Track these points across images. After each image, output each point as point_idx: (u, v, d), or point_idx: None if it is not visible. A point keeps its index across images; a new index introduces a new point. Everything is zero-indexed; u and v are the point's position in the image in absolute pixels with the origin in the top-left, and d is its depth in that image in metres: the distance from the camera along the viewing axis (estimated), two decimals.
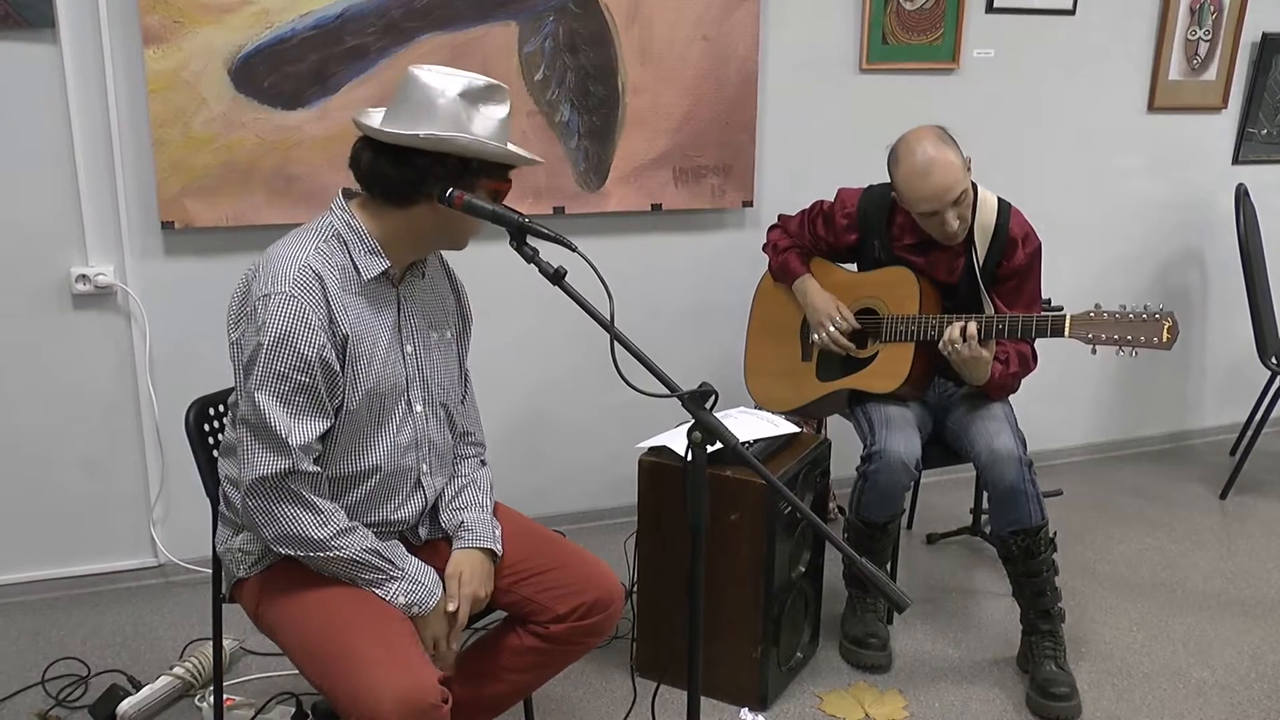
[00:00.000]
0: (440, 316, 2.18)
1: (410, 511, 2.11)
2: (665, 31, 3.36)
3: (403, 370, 2.06)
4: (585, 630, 2.13)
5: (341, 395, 1.96)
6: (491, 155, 1.96)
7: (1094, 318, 2.64)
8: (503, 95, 1.99)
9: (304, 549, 1.93)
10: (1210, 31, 4.06)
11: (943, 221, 2.74)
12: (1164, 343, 2.57)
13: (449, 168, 1.93)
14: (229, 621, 2.32)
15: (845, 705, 2.75)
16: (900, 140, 2.78)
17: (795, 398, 3.11)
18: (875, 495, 2.81)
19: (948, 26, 3.69)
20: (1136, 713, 2.73)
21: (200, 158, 3.01)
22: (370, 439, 2.02)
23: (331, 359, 1.92)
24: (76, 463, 3.17)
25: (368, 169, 1.98)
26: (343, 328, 1.94)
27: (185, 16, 2.91)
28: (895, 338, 2.91)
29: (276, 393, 1.88)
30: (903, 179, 2.75)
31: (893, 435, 2.79)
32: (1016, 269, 2.88)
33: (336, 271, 1.95)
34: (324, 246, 1.97)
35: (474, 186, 1.96)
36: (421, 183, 1.94)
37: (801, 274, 3.07)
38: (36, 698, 2.71)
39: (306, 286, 1.90)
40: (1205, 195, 4.28)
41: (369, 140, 1.98)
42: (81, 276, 3.03)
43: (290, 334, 1.87)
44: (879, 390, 2.92)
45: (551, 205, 3.38)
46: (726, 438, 1.79)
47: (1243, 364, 4.26)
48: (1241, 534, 3.78)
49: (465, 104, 1.93)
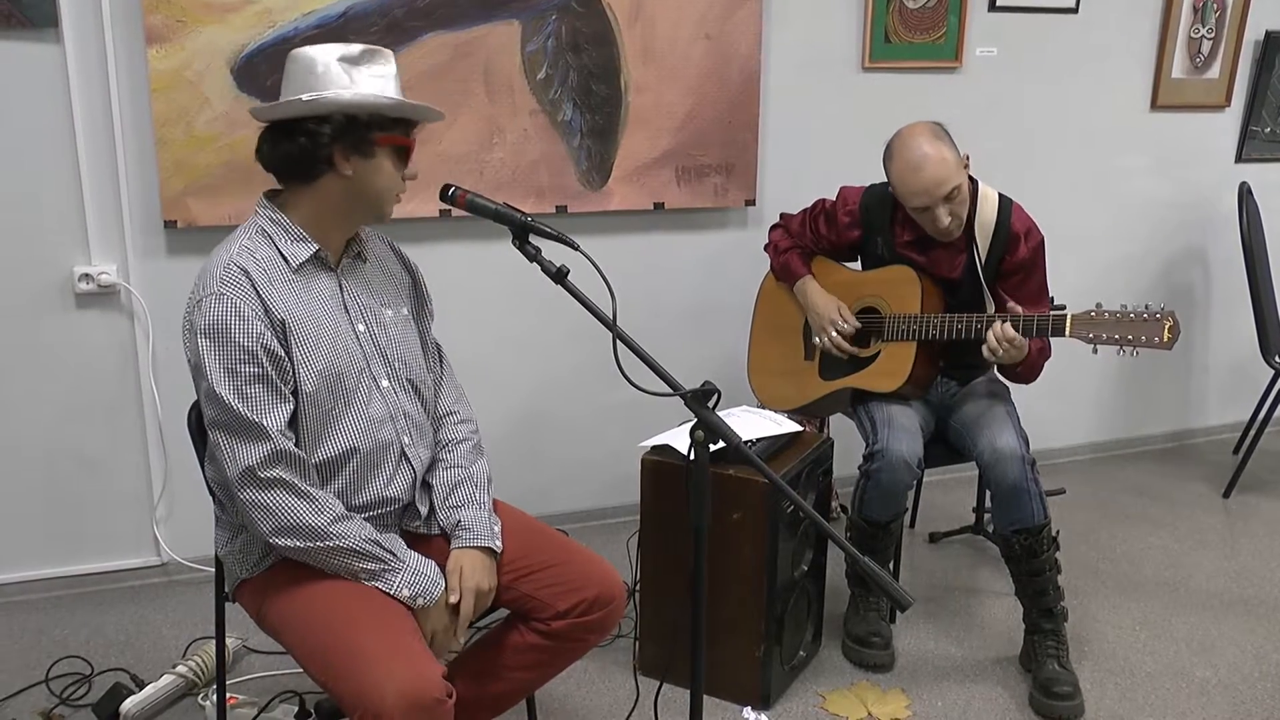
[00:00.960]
0: (392, 294, 2.20)
1: (401, 486, 2.11)
2: (668, 30, 3.36)
3: (358, 348, 2.08)
4: (587, 627, 2.12)
5: (293, 379, 1.98)
6: (373, 106, 1.97)
7: (1095, 317, 2.64)
8: (384, 57, 2.02)
9: (303, 539, 1.93)
10: (1213, 29, 4.05)
11: (934, 217, 2.75)
12: (1164, 343, 2.57)
13: (336, 125, 1.96)
14: (232, 620, 2.32)
15: (848, 704, 2.75)
16: (895, 136, 2.79)
17: (798, 396, 3.12)
18: (877, 494, 2.81)
19: (950, 25, 3.69)
20: (1139, 712, 2.73)
21: (203, 157, 3.01)
22: (340, 420, 2.03)
23: (274, 345, 1.94)
24: (79, 461, 3.17)
25: (266, 154, 2.04)
26: (278, 314, 1.96)
27: (188, 16, 2.92)
28: (897, 336, 2.90)
29: (232, 387, 1.91)
30: (896, 174, 2.77)
31: (895, 434, 2.79)
32: (1021, 263, 2.88)
33: (264, 264, 1.99)
34: (249, 243, 2.02)
35: (371, 145, 1.99)
36: (315, 149, 1.97)
37: (803, 275, 3.07)
38: (40, 696, 2.71)
39: (234, 282, 1.94)
40: (1208, 194, 4.27)
41: (264, 129, 2.04)
42: (84, 276, 3.03)
43: (227, 329, 1.91)
44: (881, 389, 2.92)
45: (554, 204, 3.38)
46: (729, 436, 1.79)
47: (1246, 363, 4.26)
48: (1245, 533, 3.77)
49: (345, 66, 1.97)
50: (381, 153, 2.01)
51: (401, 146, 2.04)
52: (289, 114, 1.98)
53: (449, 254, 3.31)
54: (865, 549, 2.88)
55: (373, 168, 2.01)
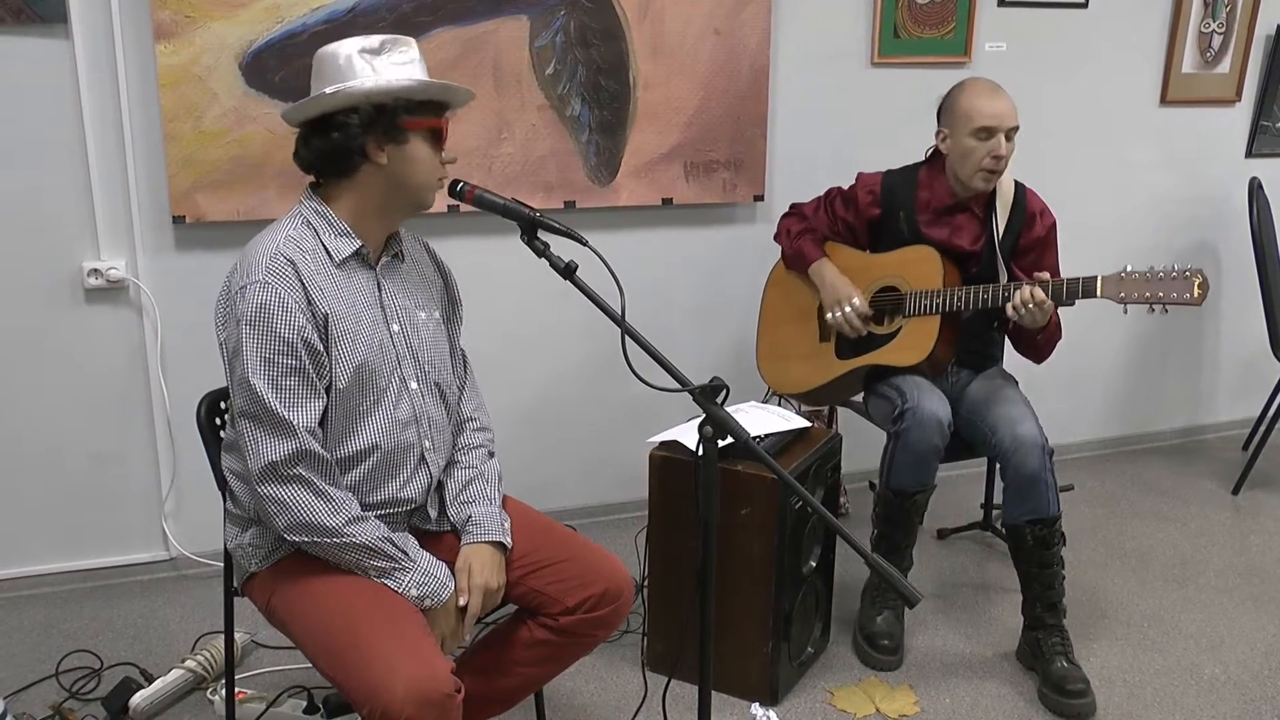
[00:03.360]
0: (426, 297, 2.19)
1: (417, 489, 2.11)
2: (677, 26, 3.35)
3: (392, 348, 2.08)
4: (595, 622, 2.13)
5: (329, 374, 1.98)
6: (397, 91, 1.97)
7: (1124, 278, 2.67)
8: (405, 44, 2.01)
9: (317, 535, 1.93)
10: (1224, 24, 4.03)
11: (993, 147, 2.81)
12: (1195, 298, 2.62)
13: (365, 115, 1.95)
14: (240, 614, 2.33)
15: (856, 700, 2.74)
16: (962, 80, 2.94)
17: (815, 378, 3.11)
18: (908, 457, 2.79)
19: (959, 20, 3.68)
20: (1148, 709, 2.73)
21: (211, 152, 3.02)
22: (367, 416, 2.03)
23: (314, 339, 1.94)
24: (88, 456, 3.18)
25: (304, 153, 2.04)
26: (321, 307, 1.96)
27: (196, 11, 2.92)
28: (920, 311, 2.92)
29: (268, 378, 1.90)
30: (971, 96, 2.86)
31: (925, 395, 2.80)
32: (1036, 240, 2.95)
33: (309, 255, 1.99)
34: (294, 234, 2.00)
35: (402, 131, 1.99)
36: (349, 142, 1.97)
37: (817, 258, 3.08)
38: (50, 690, 2.72)
39: (279, 272, 1.93)
40: (1219, 189, 4.25)
41: (299, 132, 2.04)
42: (94, 271, 3.04)
43: (269, 319, 1.90)
44: (903, 363, 2.93)
45: (563, 200, 3.38)
46: (737, 432, 1.79)
47: (1256, 358, 4.24)
48: (1254, 529, 3.76)
49: (367, 56, 1.97)
50: (415, 137, 2.01)
51: (434, 129, 2.04)
52: (316, 110, 1.98)
53: (458, 249, 3.28)
54: (891, 523, 2.89)
55: (407, 154, 2.01)
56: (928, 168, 3.01)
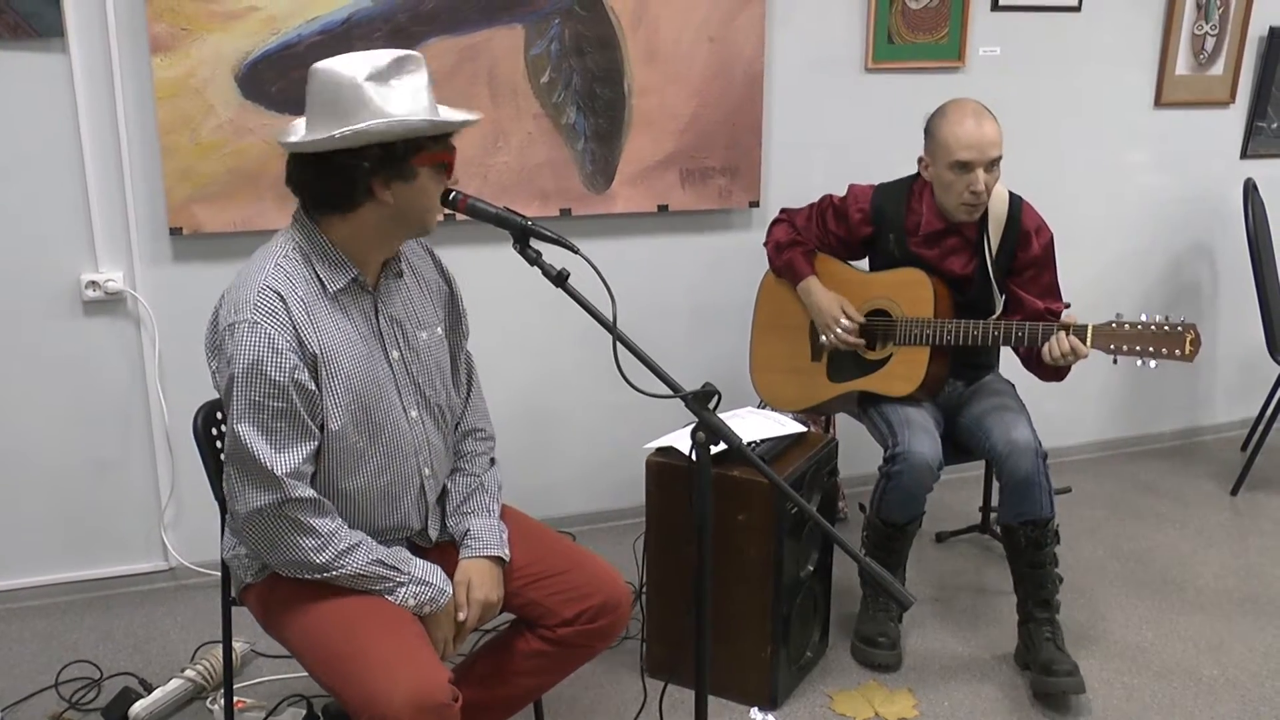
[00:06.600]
0: (428, 312, 2.14)
1: (415, 516, 2.12)
2: (671, 33, 3.36)
3: (391, 378, 2.03)
4: (592, 634, 2.13)
5: (321, 413, 1.93)
6: (411, 130, 1.86)
7: (1116, 330, 2.65)
8: (414, 63, 1.89)
9: (306, 572, 1.93)
10: (1216, 26, 4.04)
11: (972, 180, 2.76)
12: (1186, 355, 2.59)
13: (374, 159, 1.85)
14: (239, 624, 2.33)
15: (855, 704, 2.75)
16: (946, 103, 2.86)
17: (805, 397, 3.11)
18: (898, 496, 2.81)
19: (953, 25, 3.69)
20: (1147, 711, 2.73)
21: (208, 164, 3.03)
22: (365, 454, 2.00)
23: (305, 379, 1.88)
24: (88, 467, 3.18)
25: (300, 184, 1.94)
26: (311, 347, 1.89)
27: (192, 24, 2.93)
28: (910, 340, 2.90)
29: (256, 422, 1.85)
30: (950, 125, 2.79)
31: (915, 436, 2.79)
32: (1033, 259, 2.92)
33: (300, 286, 1.90)
34: (285, 263, 1.92)
35: (413, 168, 1.88)
36: (354, 183, 1.87)
37: (806, 275, 3.06)
38: (50, 700, 2.73)
39: (269, 310, 1.85)
40: (1214, 190, 4.26)
41: (294, 155, 1.93)
42: (91, 283, 3.05)
43: (259, 361, 1.84)
44: (895, 394, 2.92)
45: (558, 207, 3.38)
46: (730, 438, 1.80)
47: (1254, 359, 4.24)
48: (1253, 530, 3.76)
49: (375, 85, 1.83)
50: (424, 173, 1.92)
51: (442, 163, 1.95)
52: (320, 150, 1.86)
53: (453, 257, 3.27)
54: (881, 550, 2.89)
55: (415, 190, 1.92)
56: (918, 184, 2.97)
